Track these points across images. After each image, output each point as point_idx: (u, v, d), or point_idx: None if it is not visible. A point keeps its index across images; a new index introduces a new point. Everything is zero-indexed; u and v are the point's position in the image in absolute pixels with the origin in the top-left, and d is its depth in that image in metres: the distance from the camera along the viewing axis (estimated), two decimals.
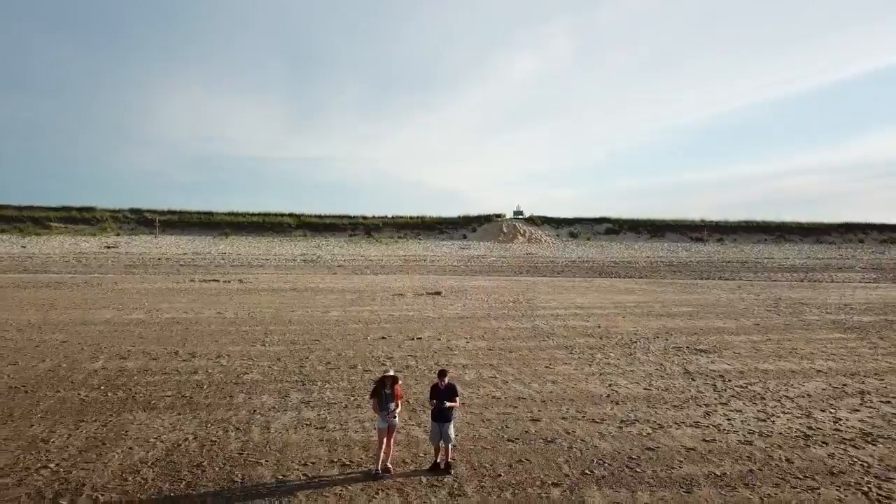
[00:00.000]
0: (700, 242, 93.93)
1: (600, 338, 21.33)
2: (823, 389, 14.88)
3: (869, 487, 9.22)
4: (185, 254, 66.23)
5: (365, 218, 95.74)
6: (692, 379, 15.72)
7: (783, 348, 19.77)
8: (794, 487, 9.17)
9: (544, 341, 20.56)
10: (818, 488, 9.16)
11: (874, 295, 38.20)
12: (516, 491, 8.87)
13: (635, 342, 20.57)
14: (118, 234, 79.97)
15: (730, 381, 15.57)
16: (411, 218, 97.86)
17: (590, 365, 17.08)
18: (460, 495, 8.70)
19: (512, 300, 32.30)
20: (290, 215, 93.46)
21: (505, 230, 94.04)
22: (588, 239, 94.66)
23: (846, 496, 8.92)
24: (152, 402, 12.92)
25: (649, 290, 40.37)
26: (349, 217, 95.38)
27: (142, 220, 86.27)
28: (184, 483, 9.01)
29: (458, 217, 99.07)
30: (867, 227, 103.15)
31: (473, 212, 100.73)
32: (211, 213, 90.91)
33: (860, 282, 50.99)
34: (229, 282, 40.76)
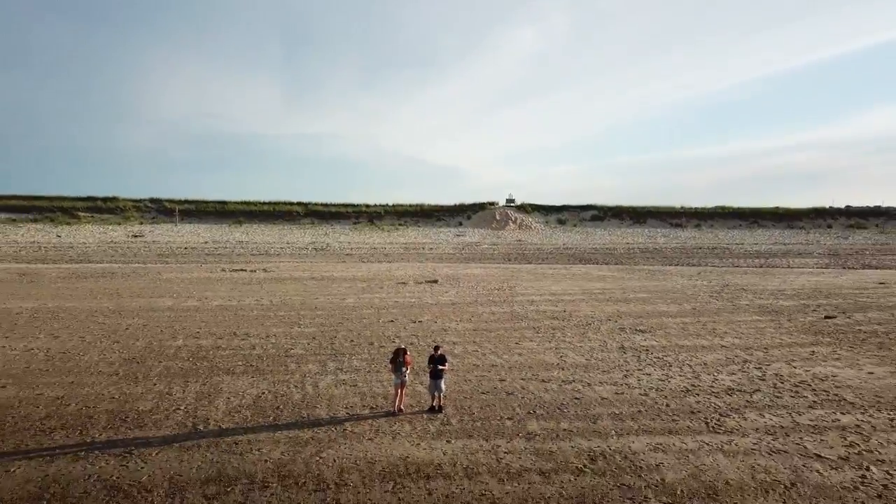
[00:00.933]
0: (679, 228, 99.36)
1: (563, 320, 26.52)
2: (718, 360, 19.89)
3: (710, 419, 14.39)
4: (206, 243, 71.28)
5: (368, 206, 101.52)
6: (624, 352, 20.79)
7: (705, 328, 24.92)
8: (663, 420, 14.35)
9: (518, 323, 25.77)
10: (678, 420, 14.38)
11: (812, 281, 43.04)
12: (484, 423, 14.06)
13: (590, 324, 25.71)
14: (141, 223, 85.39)
15: (652, 353, 20.65)
16: (411, 206, 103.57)
17: (549, 342, 22.23)
18: (448, 425, 13.89)
19: (497, 287, 37.61)
20: (299, 203, 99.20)
21: (498, 217, 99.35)
22: (574, 226, 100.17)
23: (693, 424, 14.09)
24: (231, 369, 18.08)
25: (618, 277, 45.66)
26: (353, 206, 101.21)
27: (161, 210, 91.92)
28: (271, 418, 14.18)
29: (455, 205, 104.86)
30: (836, 212, 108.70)
31: (472, 188, 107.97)
32: (224, 203, 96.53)
33: (813, 267, 55.99)
34: (255, 271, 46.00)
